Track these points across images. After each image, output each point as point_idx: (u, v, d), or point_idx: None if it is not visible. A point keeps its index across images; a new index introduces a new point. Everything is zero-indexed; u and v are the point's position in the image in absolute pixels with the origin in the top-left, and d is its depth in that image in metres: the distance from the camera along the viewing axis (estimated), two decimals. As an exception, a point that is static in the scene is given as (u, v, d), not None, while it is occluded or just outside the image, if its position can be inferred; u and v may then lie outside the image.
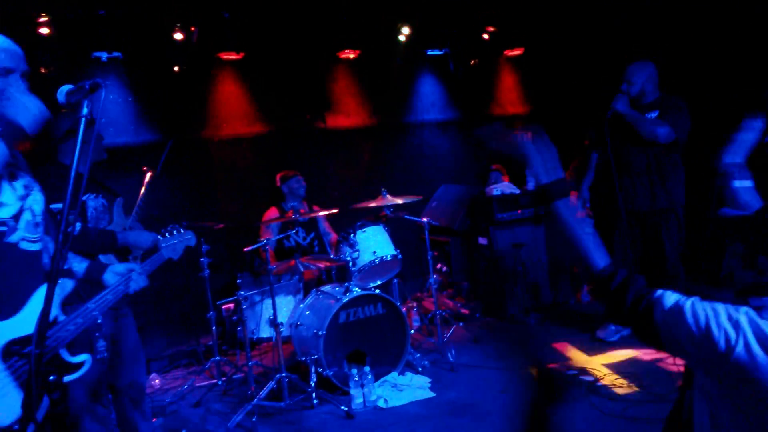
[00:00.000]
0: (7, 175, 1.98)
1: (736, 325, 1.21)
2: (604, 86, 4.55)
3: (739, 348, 1.19)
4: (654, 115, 4.33)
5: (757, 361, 1.18)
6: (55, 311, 1.99)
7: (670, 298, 1.32)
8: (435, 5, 6.07)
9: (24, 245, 1.97)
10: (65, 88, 1.72)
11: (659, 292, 1.34)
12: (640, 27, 5.66)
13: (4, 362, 1.85)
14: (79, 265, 2.27)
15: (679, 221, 4.39)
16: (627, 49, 5.23)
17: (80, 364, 2.08)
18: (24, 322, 1.90)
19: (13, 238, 1.93)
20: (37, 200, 2.05)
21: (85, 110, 1.68)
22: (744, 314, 1.22)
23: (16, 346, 1.88)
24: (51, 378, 1.51)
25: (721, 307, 1.25)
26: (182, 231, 2.73)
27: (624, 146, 4.38)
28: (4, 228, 1.90)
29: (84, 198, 3.03)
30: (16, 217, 1.96)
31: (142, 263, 2.49)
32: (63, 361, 2.06)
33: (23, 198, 2.01)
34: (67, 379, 2.05)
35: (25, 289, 1.94)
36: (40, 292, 1.97)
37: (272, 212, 5.21)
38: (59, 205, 2.52)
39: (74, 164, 1.63)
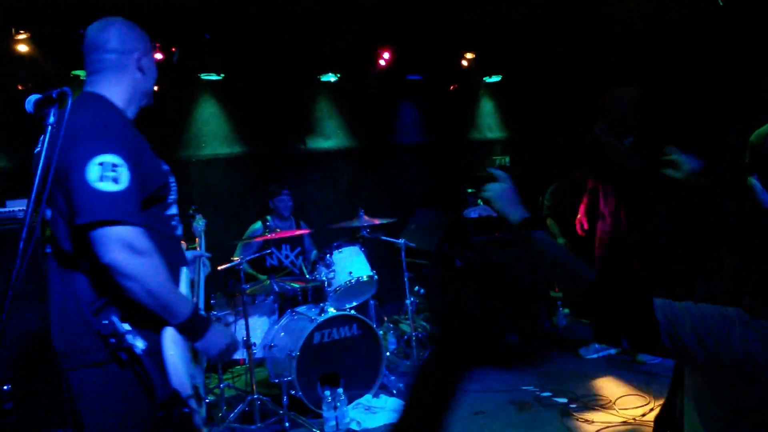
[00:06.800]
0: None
1: (731, 322, 1.29)
2: (580, 113, 4.63)
3: (736, 343, 1.26)
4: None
5: (753, 354, 1.25)
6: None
7: (660, 298, 1.39)
8: (415, 31, 6.17)
9: (179, 232, 2.23)
10: (33, 98, 1.73)
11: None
12: (617, 56, 5.79)
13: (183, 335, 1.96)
14: None
15: None
16: (603, 78, 5.35)
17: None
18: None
19: (179, 231, 2.22)
20: None
21: (51, 119, 1.68)
22: (735, 311, 1.31)
23: None
24: (5, 387, 1.48)
25: (713, 306, 1.33)
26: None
27: None
28: (175, 223, 2.17)
29: None
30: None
31: None
32: None
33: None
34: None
35: (179, 271, 2.15)
36: (183, 272, 2.18)
37: (256, 225, 5.16)
38: None
39: (39, 170, 1.63)
